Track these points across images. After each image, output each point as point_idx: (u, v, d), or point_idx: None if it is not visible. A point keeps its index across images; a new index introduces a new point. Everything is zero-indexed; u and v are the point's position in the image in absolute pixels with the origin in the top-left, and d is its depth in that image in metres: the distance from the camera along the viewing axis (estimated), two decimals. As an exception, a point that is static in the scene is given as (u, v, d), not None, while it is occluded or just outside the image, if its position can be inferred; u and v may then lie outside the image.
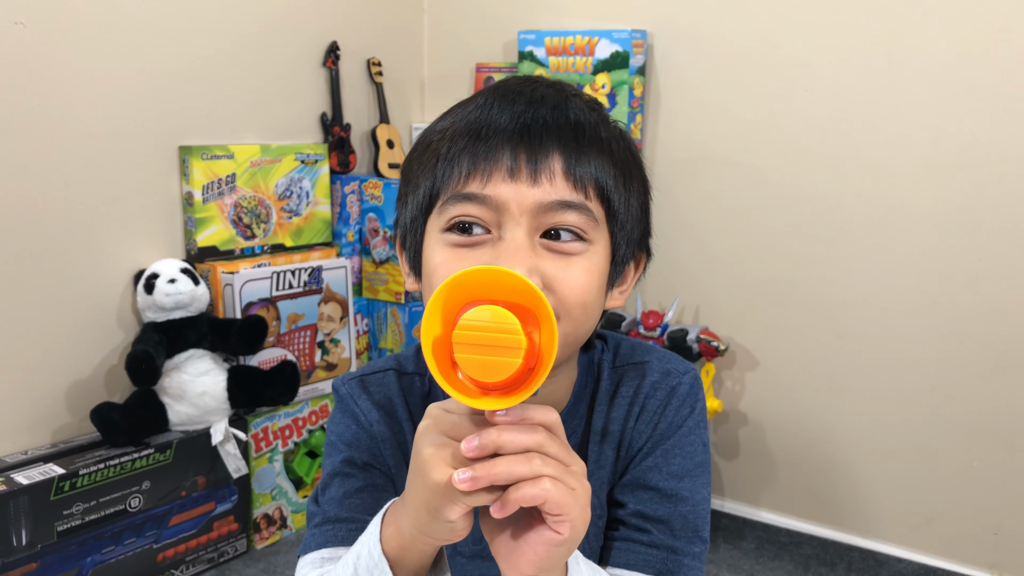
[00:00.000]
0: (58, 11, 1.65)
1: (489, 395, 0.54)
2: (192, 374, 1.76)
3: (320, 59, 2.17)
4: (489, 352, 0.52)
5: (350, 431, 0.81)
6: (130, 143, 1.79)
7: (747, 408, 2.03)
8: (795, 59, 1.87)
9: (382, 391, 0.82)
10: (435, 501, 0.56)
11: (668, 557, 0.76)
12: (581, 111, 0.72)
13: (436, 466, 0.55)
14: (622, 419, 0.80)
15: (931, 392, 1.80)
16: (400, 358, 0.85)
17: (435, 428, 0.58)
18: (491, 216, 0.68)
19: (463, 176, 0.69)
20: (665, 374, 0.81)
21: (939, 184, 1.74)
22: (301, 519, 2.04)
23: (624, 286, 0.78)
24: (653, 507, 0.77)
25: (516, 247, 0.67)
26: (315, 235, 2.13)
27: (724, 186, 1.95)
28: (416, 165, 0.75)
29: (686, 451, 0.79)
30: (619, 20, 2.07)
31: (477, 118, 0.71)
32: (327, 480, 0.80)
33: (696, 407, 0.80)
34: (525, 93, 0.72)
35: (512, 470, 0.54)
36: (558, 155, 0.69)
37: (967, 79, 1.69)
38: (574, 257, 0.69)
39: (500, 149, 0.69)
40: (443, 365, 0.55)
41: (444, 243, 0.70)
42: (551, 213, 0.68)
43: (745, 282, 1.98)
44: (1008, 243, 1.69)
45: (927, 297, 1.78)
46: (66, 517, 1.57)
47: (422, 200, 0.73)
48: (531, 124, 0.69)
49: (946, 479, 1.81)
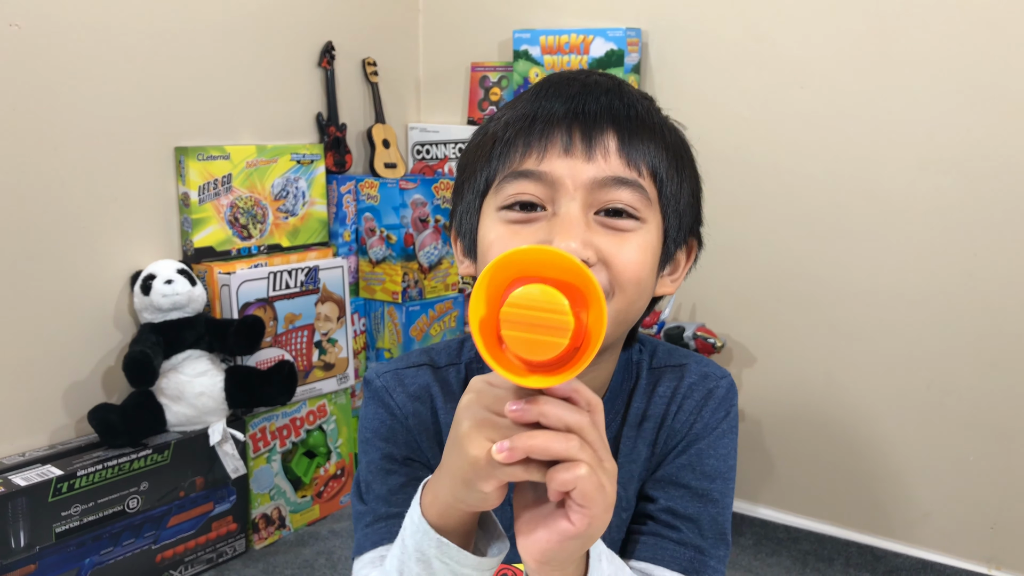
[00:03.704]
0: (53, 13, 1.65)
1: (535, 373, 0.54)
2: (190, 375, 1.76)
3: (315, 59, 2.17)
4: (536, 331, 0.52)
5: (385, 426, 0.80)
6: (126, 144, 1.79)
7: (744, 404, 2.03)
8: (790, 56, 1.87)
9: (417, 383, 0.82)
10: (471, 473, 0.56)
11: (695, 556, 0.76)
12: (634, 97, 0.74)
13: (475, 439, 0.56)
14: (659, 416, 0.80)
15: (927, 387, 1.81)
16: (431, 353, 0.85)
17: (478, 402, 0.58)
18: (546, 192, 0.69)
19: (519, 155, 0.71)
20: (703, 377, 0.81)
21: (934, 180, 1.75)
22: (299, 519, 2.04)
23: (676, 274, 0.78)
24: (684, 505, 0.77)
25: (571, 221, 0.67)
26: (311, 235, 2.13)
27: (719, 183, 1.93)
28: (473, 155, 0.76)
29: (720, 453, 0.79)
30: (614, 18, 2.07)
31: (532, 105, 0.72)
32: (369, 478, 0.79)
33: (731, 411, 0.81)
34: (579, 79, 0.74)
35: (550, 445, 0.53)
36: (612, 133, 0.70)
37: (962, 75, 1.70)
38: (628, 234, 0.70)
39: (556, 128, 0.70)
40: (489, 342, 0.54)
41: (500, 220, 0.71)
42: (605, 189, 0.69)
43: (741, 279, 1.98)
44: (1003, 238, 1.70)
45: (923, 292, 1.79)
46: (64, 518, 1.57)
47: (479, 184, 0.74)
48: (586, 105, 0.71)
49: (943, 474, 1.82)
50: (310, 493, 2.06)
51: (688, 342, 1.91)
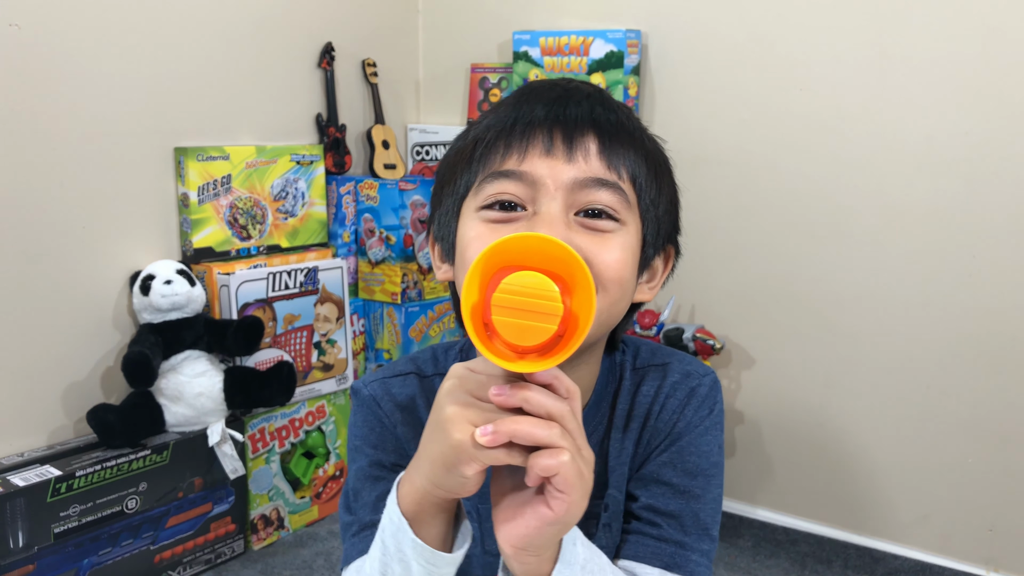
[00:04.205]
0: (53, 13, 1.65)
1: (524, 359, 0.56)
2: (189, 375, 1.76)
3: (315, 60, 2.17)
4: (526, 316, 0.54)
5: (374, 433, 0.80)
6: (125, 144, 1.79)
7: (743, 406, 2.03)
8: (789, 58, 1.87)
9: (404, 392, 0.82)
10: (453, 457, 0.57)
11: (676, 551, 0.76)
12: (615, 104, 0.75)
13: (458, 423, 0.56)
14: (643, 416, 0.81)
15: (926, 389, 1.81)
16: (418, 361, 0.85)
17: (460, 387, 0.58)
18: (527, 192, 0.69)
19: (499, 157, 0.71)
20: (686, 375, 0.82)
21: (933, 182, 1.75)
22: (298, 520, 2.04)
23: (653, 281, 0.79)
24: (665, 502, 0.78)
25: (551, 220, 0.67)
26: (311, 236, 2.13)
27: (719, 185, 1.95)
28: (453, 160, 0.76)
29: (702, 450, 0.80)
30: (614, 20, 2.08)
31: (513, 110, 0.73)
32: (357, 486, 0.79)
33: (715, 409, 0.82)
34: (560, 85, 0.75)
35: (532, 431, 0.55)
36: (593, 136, 0.71)
37: (961, 77, 1.70)
38: (608, 235, 0.70)
39: (537, 130, 0.70)
40: (479, 329, 0.56)
41: (479, 219, 0.71)
42: (586, 190, 0.69)
43: (741, 281, 1.98)
44: (1002, 241, 1.70)
45: (921, 295, 1.79)
46: (63, 519, 1.57)
47: (459, 188, 0.74)
48: (567, 109, 0.71)
49: (941, 476, 1.82)
50: (309, 494, 2.06)
51: (687, 344, 1.91)
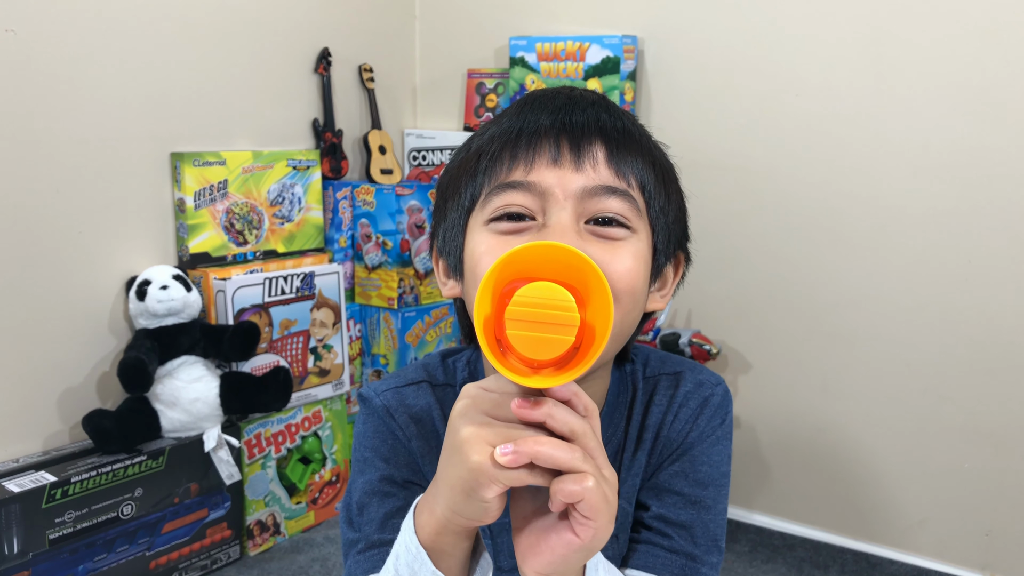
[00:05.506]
0: (49, 18, 1.65)
1: (539, 373, 0.53)
2: (185, 380, 1.76)
3: (312, 65, 2.17)
4: (542, 329, 0.52)
5: (386, 446, 0.77)
6: (122, 149, 1.79)
7: (740, 411, 2.04)
8: (785, 63, 1.88)
9: (419, 403, 0.79)
10: (472, 480, 0.54)
11: (687, 564, 0.75)
12: (620, 111, 0.74)
13: (476, 445, 0.54)
14: (656, 427, 0.80)
15: (923, 394, 1.81)
16: (428, 368, 0.82)
17: (475, 407, 0.56)
18: (535, 203, 0.68)
19: (506, 168, 0.69)
20: (698, 384, 0.81)
21: (929, 187, 1.76)
22: (294, 525, 2.03)
23: (664, 289, 0.77)
24: (676, 512, 0.76)
25: (563, 229, 0.66)
26: (307, 241, 2.13)
27: (715, 190, 1.96)
28: (456, 172, 0.74)
29: (713, 460, 0.78)
30: (610, 26, 2.08)
31: (518, 119, 0.71)
32: (364, 500, 0.76)
33: (726, 419, 0.81)
34: (564, 93, 0.74)
35: (554, 454, 0.53)
36: (601, 144, 0.69)
37: (957, 82, 1.71)
38: (620, 243, 0.68)
39: (543, 139, 0.69)
40: (492, 344, 0.54)
41: (488, 232, 0.69)
42: (595, 199, 0.68)
43: (737, 285, 1.99)
44: (998, 245, 1.71)
45: (918, 299, 1.79)
46: (58, 525, 1.57)
47: (464, 201, 0.72)
48: (572, 117, 0.70)
49: (938, 481, 1.82)
50: (305, 499, 2.06)
51: (684, 348, 1.91)
